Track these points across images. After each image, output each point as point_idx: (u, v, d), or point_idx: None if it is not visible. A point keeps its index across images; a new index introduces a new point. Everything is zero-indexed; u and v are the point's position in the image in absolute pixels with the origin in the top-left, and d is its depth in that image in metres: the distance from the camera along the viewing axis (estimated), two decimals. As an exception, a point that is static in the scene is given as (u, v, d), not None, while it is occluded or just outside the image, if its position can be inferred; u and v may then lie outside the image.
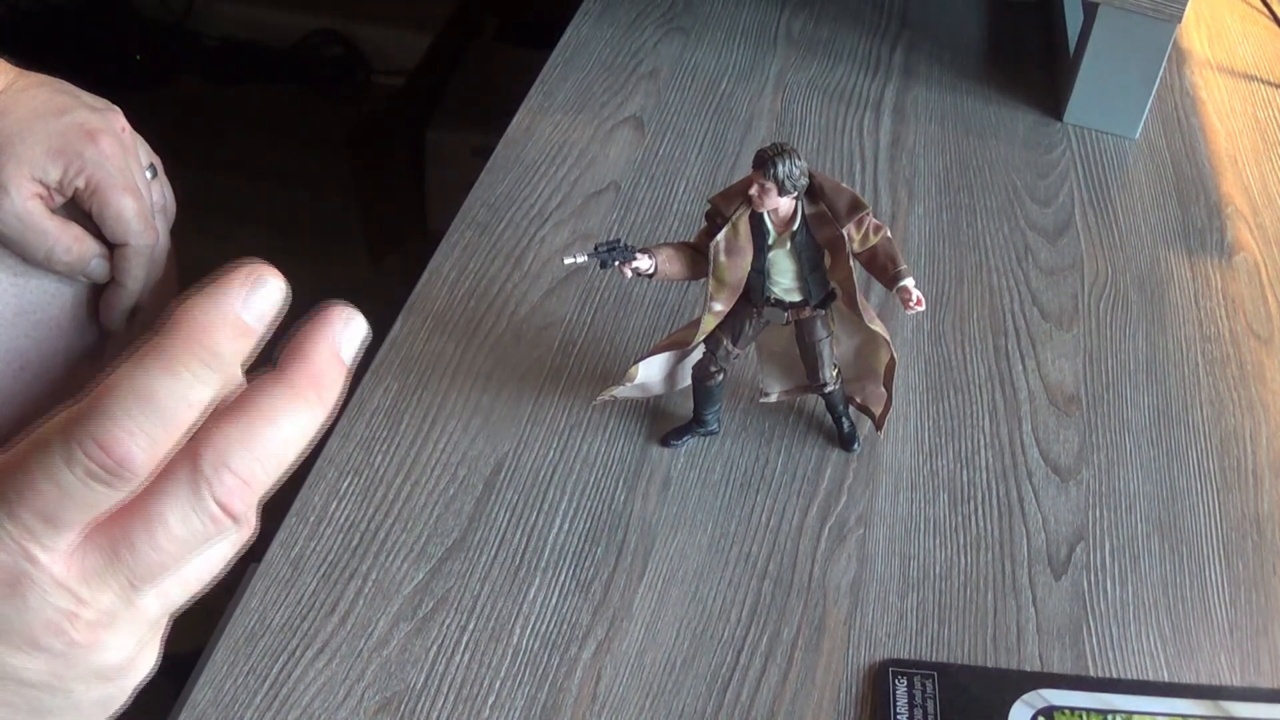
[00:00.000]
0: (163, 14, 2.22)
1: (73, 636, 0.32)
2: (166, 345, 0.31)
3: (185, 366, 0.31)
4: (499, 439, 0.72)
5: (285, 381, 0.33)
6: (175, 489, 0.32)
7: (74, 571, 0.32)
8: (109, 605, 0.33)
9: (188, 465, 0.32)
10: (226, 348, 0.32)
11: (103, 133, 0.60)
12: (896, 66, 1.10)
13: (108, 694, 0.35)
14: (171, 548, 0.33)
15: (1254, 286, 0.90)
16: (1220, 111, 1.10)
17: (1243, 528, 0.72)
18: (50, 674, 0.33)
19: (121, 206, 0.61)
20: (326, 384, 0.33)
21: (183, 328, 0.31)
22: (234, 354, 0.32)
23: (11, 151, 0.58)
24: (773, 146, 0.61)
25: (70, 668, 0.33)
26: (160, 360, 0.31)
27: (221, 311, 0.32)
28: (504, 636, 0.62)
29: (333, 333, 0.34)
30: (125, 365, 0.31)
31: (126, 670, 0.35)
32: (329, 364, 0.34)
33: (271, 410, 0.33)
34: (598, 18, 1.11)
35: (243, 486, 0.32)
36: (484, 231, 0.86)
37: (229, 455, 0.32)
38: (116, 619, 0.33)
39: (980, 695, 0.61)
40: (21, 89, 0.61)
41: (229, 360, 0.32)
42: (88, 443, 0.30)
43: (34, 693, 0.33)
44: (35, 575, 0.32)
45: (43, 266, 0.61)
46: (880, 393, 0.72)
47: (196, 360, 0.31)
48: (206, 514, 0.32)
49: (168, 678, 0.61)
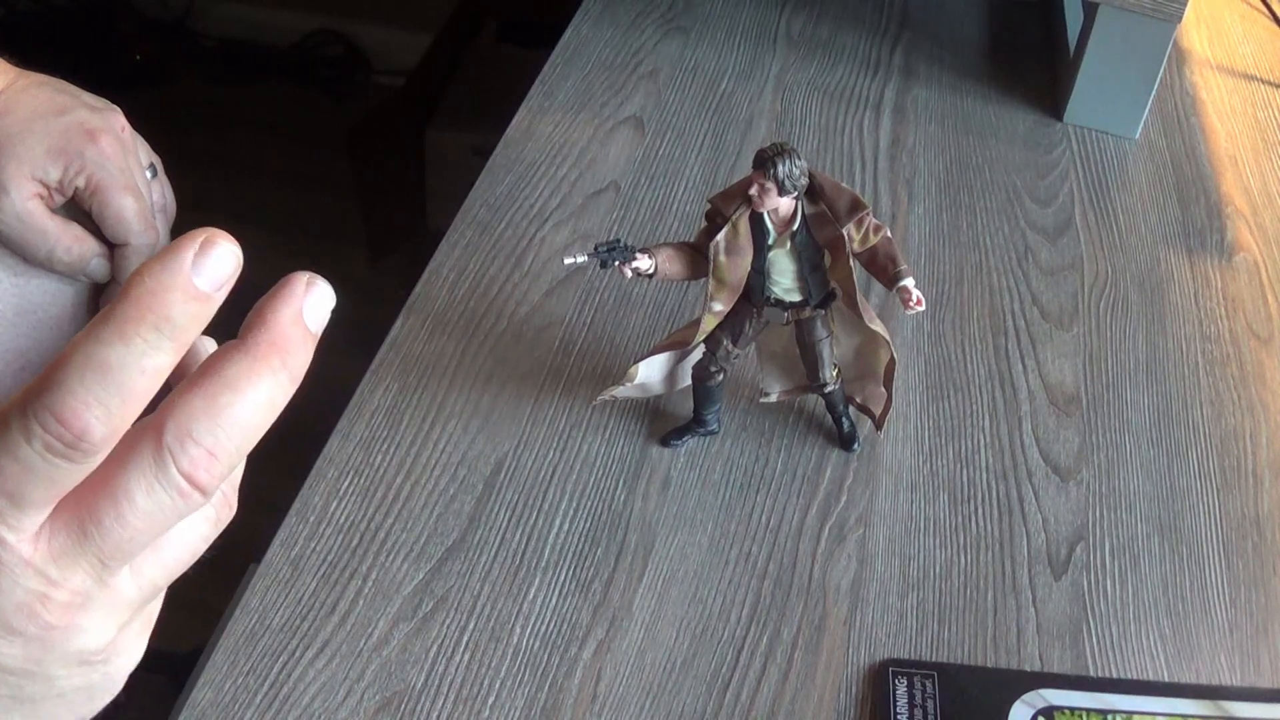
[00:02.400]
0: (163, 14, 2.21)
1: (46, 619, 0.32)
2: (118, 313, 0.30)
3: (138, 333, 0.30)
4: (499, 439, 0.72)
5: (246, 349, 0.32)
6: (140, 463, 0.31)
7: (42, 552, 0.32)
8: (80, 585, 0.32)
9: (151, 438, 0.31)
10: (179, 312, 0.31)
11: (103, 132, 0.60)
12: (896, 66, 1.10)
13: (92, 681, 0.35)
14: (139, 523, 0.32)
15: (1254, 286, 0.90)
16: (1220, 111, 1.10)
17: (1243, 528, 0.72)
18: (28, 659, 0.32)
19: (122, 206, 0.60)
20: (290, 350, 0.33)
21: (134, 295, 0.31)
22: (188, 319, 0.31)
23: (12, 151, 0.58)
24: (773, 146, 0.61)
25: (48, 651, 0.33)
26: (112, 328, 0.30)
27: (173, 277, 0.31)
28: (504, 636, 0.62)
29: (295, 299, 0.33)
30: (78, 336, 0.30)
31: (109, 656, 0.34)
32: (292, 330, 0.33)
33: (234, 379, 0.32)
34: (598, 18, 1.11)
35: (208, 457, 0.32)
36: (484, 231, 0.86)
37: (192, 426, 0.31)
38: (90, 599, 0.33)
39: (980, 695, 0.61)
40: (22, 89, 0.61)
41: (183, 326, 0.31)
42: (44, 415, 0.30)
43: (15, 679, 0.33)
44: (3, 557, 0.31)
45: (43, 266, 0.61)
46: (880, 393, 0.72)
47: (148, 327, 0.30)
48: (173, 487, 0.32)
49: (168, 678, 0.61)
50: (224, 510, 0.36)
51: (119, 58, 2.15)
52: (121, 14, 2.24)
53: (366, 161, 1.94)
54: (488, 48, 2.00)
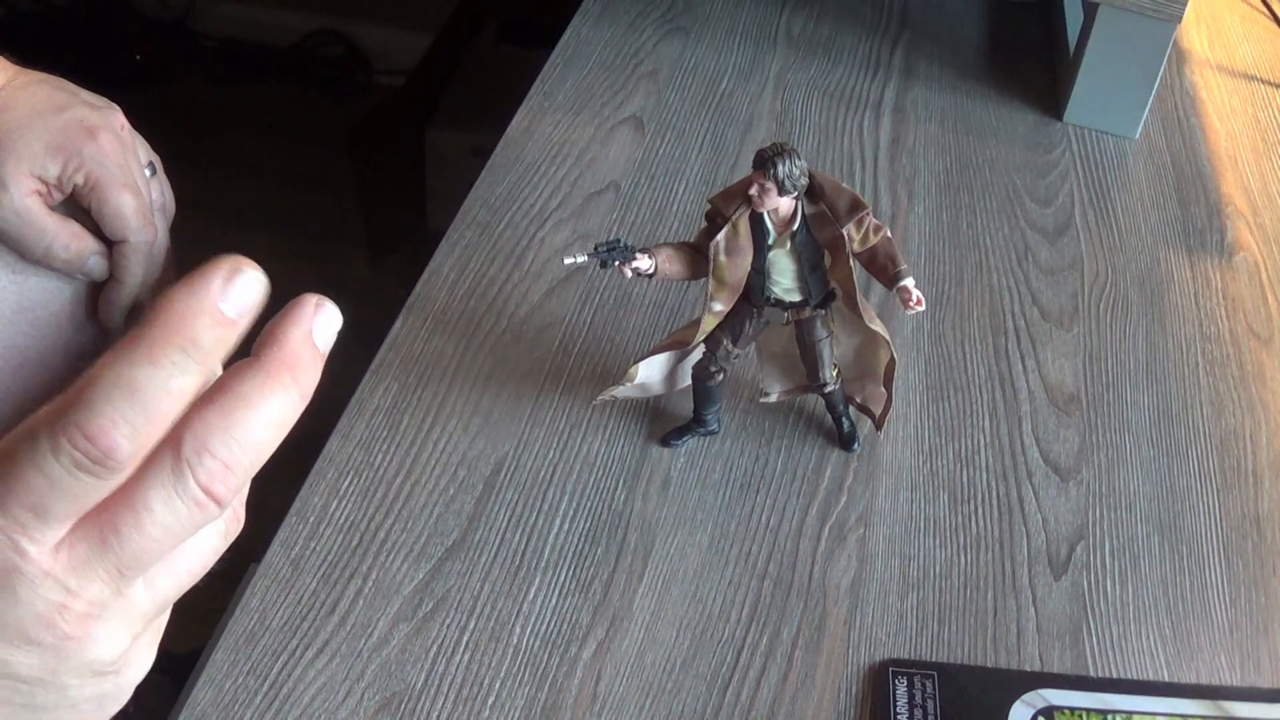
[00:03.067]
0: (163, 14, 2.21)
1: (64, 629, 0.33)
2: (147, 335, 0.31)
3: (166, 356, 0.31)
4: (499, 439, 0.72)
5: (259, 367, 0.33)
6: (159, 475, 0.32)
7: (62, 563, 0.32)
8: (97, 595, 0.33)
9: (170, 452, 0.32)
10: (206, 337, 0.32)
11: (102, 130, 0.60)
12: (896, 66, 1.10)
13: (103, 691, 0.35)
14: (157, 533, 0.33)
15: (1254, 286, 0.90)
16: (1220, 111, 1.10)
17: (1243, 528, 0.72)
18: (43, 668, 0.33)
19: (120, 203, 0.60)
20: (301, 368, 0.34)
21: (162, 319, 0.32)
22: (214, 344, 0.32)
23: (11, 148, 0.58)
24: (773, 146, 0.61)
25: (63, 661, 0.33)
26: (141, 350, 0.31)
27: (200, 302, 0.32)
28: (504, 636, 0.62)
29: (305, 319, 0.34)
30: (107, 357, 0.31)
31: (121, 667, 0.35)
32: (302, 349, 0.34)
33: (248, 395, 0.33)
34: (598, 18, 1.11)
35: (224, 470, 0.33)
36: (484, 231, 0.86)
37: (209, 440, 0.32)
38: (106, 609, 0.33)
39: (980, 695, 0.61)
40: (21, 86, 0.61)
41: (209, 351, 0.32)
42: (74, 433, 0.30)
43: (28, 688, 0.33)
44: (24, 568, 0.32)
45: (41, 263, 0.61)
46: (880, 393, 0.72)
47: (176, 350, 0.31)
48: (190, 498, 0.32)
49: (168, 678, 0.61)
50: (233, 524, 0.37)
51: (119, 58, 2.15)
52: (121, 14, 2.24)
53: (366, 161, 1.94)
54: (488, 48, 2.00)
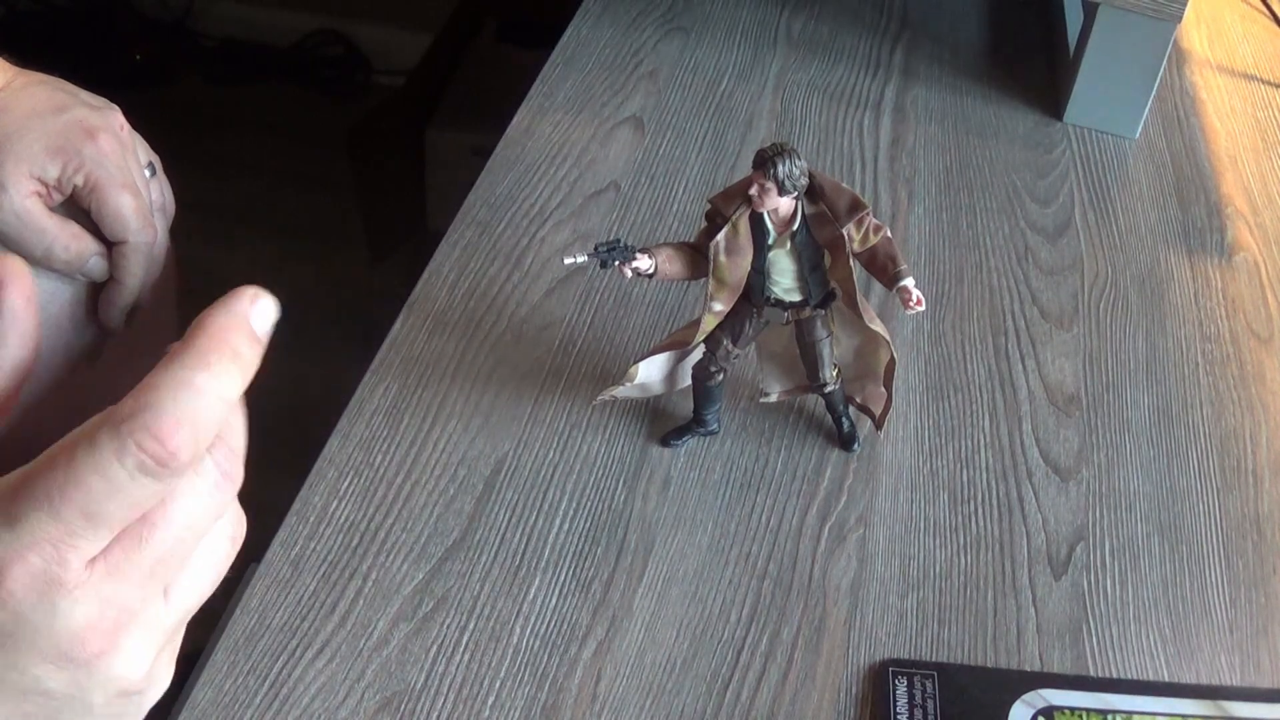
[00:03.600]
0: (163, 14, 2.21)
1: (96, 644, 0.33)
2: (195, 345, 0.33)
3: (220, 364, 0.32)
4: (499, 439, 0.72)
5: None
6: None
7: (99, 572, 0.33)
8: (128, 601, 0.33)
9: None
10: (245, 349, 0.33)
11: (102, 130, 0.60)
12: (896, 66, 1.10)
13: (126, 711, 0.35)
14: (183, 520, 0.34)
15: (1254, 286, 0.90)
16: (1220, 111, 1.10)
17: (1243, 528, 0.72)
18: (73, 684, 0.33)
19: (120, 204, 0.60)
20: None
21: (206, 330, 0.33)
22: (250, 358, 0.33)
23: (10, 149, 0.58)
24: (773, 146, 0.61)
25: (91, 676, 0.33)
26: (196, 358, 0.32)
27: (235, 319, 0.33)
28: (504, 636, 0.62)
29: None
30: (160, 367, 0.32)
31: (145, 687, 0.35)
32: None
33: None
34: (598, 18, 1.11)
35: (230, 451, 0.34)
36: (484, 231, 0.86)
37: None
38: (135, 618, 0.34)
39: (980, 695, 0.61)
40: (20, 87, 0.61)
41: (248, 362, 0.33)
42: (142, 434, 0.31)
43: (55, 704, 0.34)
44: (66, 580, 0.32)
45: (41, 265, 0.61)
46: (880, 393, 0.72)
47: (224, 357, 0.33)
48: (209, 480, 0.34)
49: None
50: (239, 527, 0.37)
51: (119, 58, 2.15)
52: (121, 14, 2.24)
53: (366, 161, 1.94)
54: (488, 48, 1.99)
